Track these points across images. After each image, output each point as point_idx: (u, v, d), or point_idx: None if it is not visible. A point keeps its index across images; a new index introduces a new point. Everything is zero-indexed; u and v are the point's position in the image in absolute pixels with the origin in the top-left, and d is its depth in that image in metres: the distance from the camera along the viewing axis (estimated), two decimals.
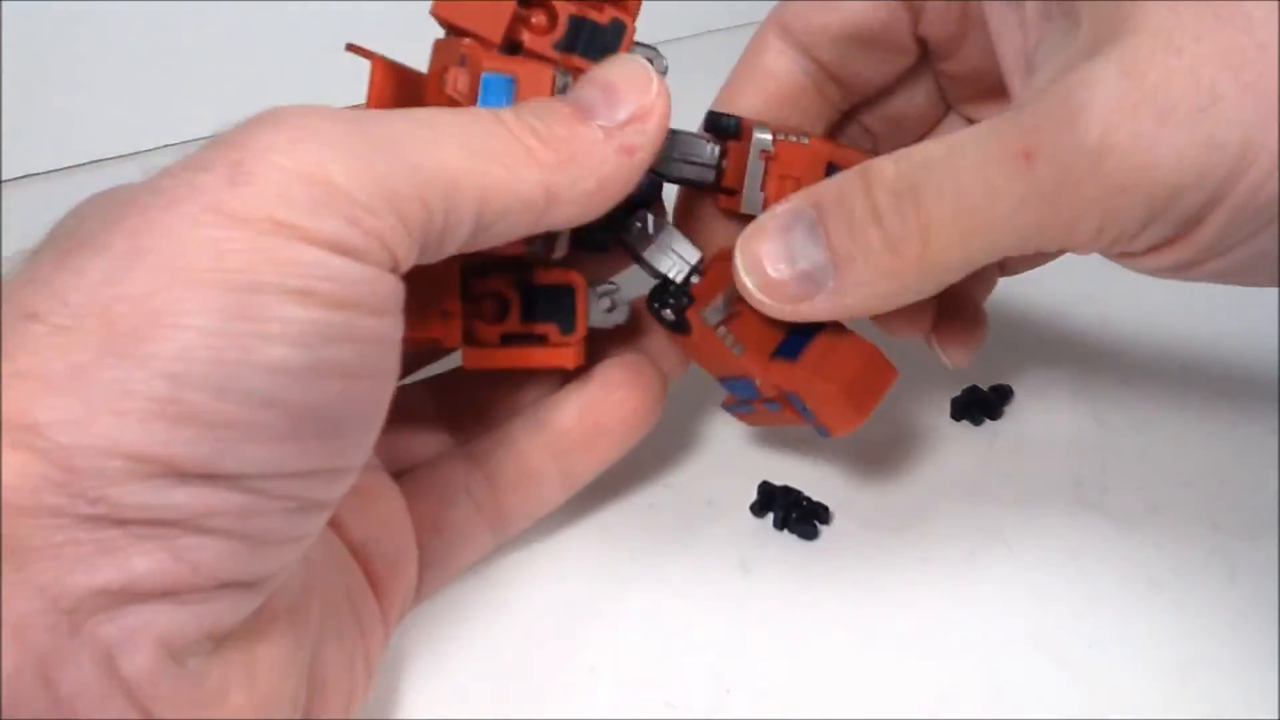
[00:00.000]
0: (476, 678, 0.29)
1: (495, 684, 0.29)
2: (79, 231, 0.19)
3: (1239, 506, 0.32)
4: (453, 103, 0.24)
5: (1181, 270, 0.24)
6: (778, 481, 0.33)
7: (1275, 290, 0.41)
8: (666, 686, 0.28)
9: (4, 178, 0.51)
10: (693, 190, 0.31)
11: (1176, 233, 0.23)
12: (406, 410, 0.30)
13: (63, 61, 0.50)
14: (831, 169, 0.29)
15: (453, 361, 0.31)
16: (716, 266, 0.29)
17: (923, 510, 0.33)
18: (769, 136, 0.28)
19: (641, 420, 0.31)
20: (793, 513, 0.32)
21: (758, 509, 0.33)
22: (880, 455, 0.35)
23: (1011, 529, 0.32)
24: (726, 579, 0.31)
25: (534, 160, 0.22)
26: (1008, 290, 0.42)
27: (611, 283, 0.29)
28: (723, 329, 0.29)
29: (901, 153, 0.25)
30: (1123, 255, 0.24)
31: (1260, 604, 0.30)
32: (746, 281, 0.27)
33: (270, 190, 0.19)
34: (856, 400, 0.28)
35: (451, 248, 0.22)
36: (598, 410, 0.30)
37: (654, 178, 0.28)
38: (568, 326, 0.28)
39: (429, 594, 0.30)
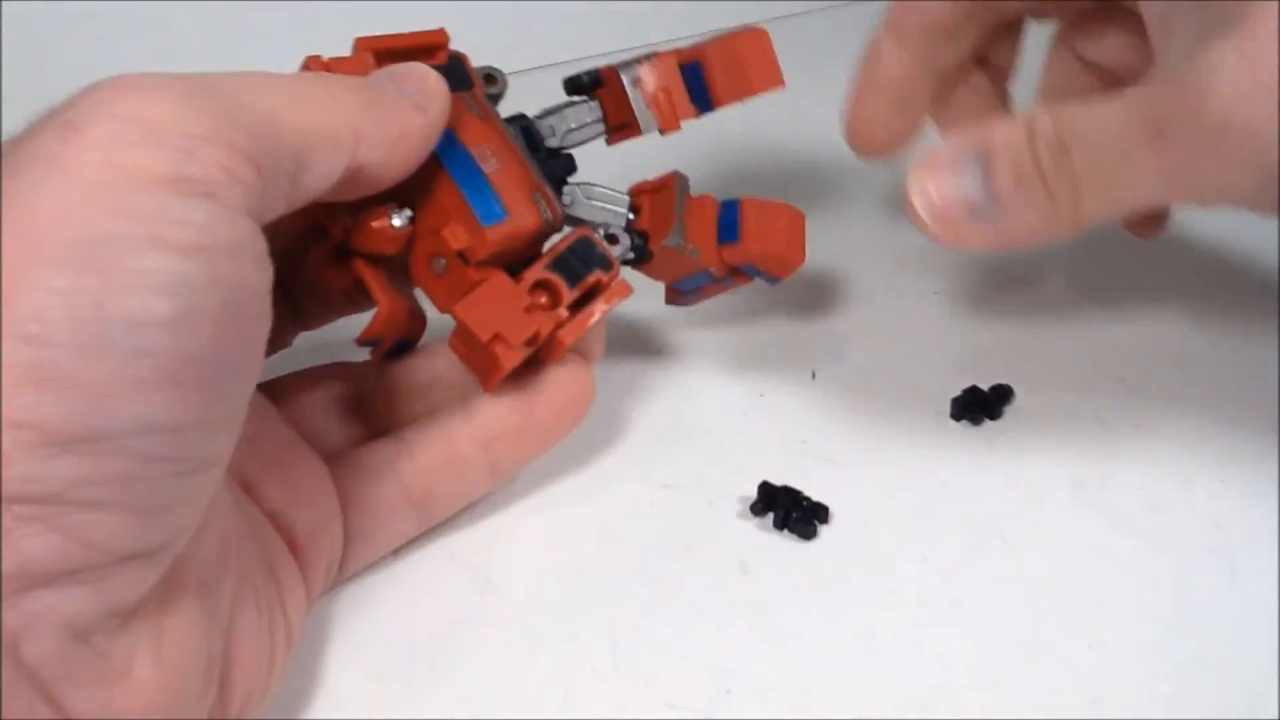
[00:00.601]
0: (476, 678, 0.29)
1: (495, 684, 0.29)
2: None
3: (1239, 506, 0.32)
4: None
5: None
6: (778, 481, 0.33)
7: (1275, 290, 0.41)
8: (666, 686, 0.28)
9: None
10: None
11: None
12: (322, 397, 0.31)
13: (63, 61, 0.50)
14: (685, 69, 0.33)
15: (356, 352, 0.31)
16: (645, 199, 0.34)
17: (923, 510, 0.33)
18: (634, 66, 0.33)
19: (572, 415, 0.31)
20: (793, 513, 0.32)
21: (758, 509, 0.33)
22: (880, 455, 0.35)
23: (1011, 529, 0.32)
24: (726, 579, 0.31)
25: (337, 101, 0.24)
26: (1008, 291, 0.42)
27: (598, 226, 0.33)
28: (683, 244, 0.33)
29: (1057, 110, 0.28)
30: (1250, 209, 0.27)
31: (1260, 604, 0.30)
32: (917, 207, 0.29)
33: (99, 136, 0.20)
34: (795, 247, 0.34)
35: (298, 193, 0.23)
36: (528, 402, 0.31)
37: (563, 155, 0.33)
38: (605, 266, 0.30)
39: (352, 571, 0.30)
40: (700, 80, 0.33)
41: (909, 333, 0.40)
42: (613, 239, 0.32)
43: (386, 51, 0.29)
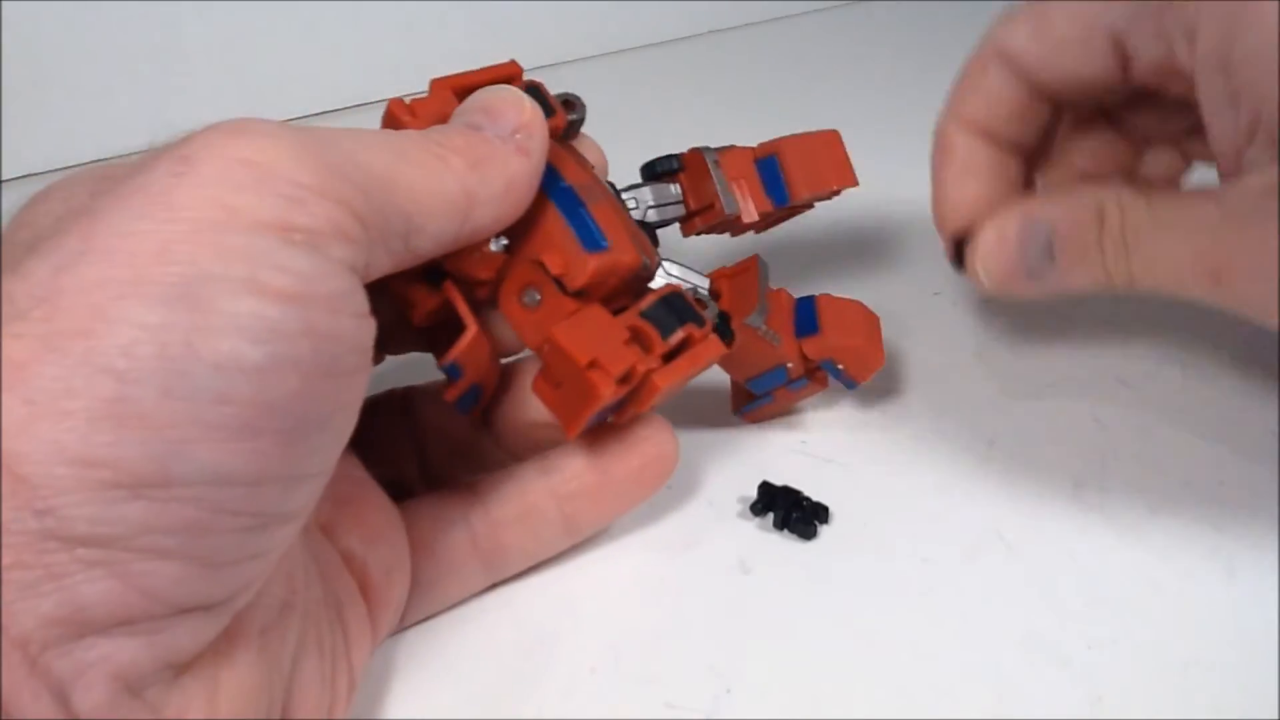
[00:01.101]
0: (476, 678, 0.29)
1: (495, 684, 0.29)
2: (32, 237, 0.19)
3: (1239, 506, 0.32)
4: None
5: None
6: (778, 481, 0.33)
7: None
8: (666, 686, 0.28)
9: (4, 178, 0.51)
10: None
11: None
12: (387, 426, 0.31)
13: (63, 61, 0.50)
14: (760, 164, 0.34)
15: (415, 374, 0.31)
16: (725, 283, 0.33)
17: (923, 510, 0.33)
18: (713, 152, 0.34)
19: (654, 476, 0.30)
20: (793, 513, 0.32)
21: (758, 509, 0.33)
22: (880, 455, 0.35)
23: (1011, 529, 0.32)
24: (726, 579, 0.31)
25: (447, 166, 0.24)
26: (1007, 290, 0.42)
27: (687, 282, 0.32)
28: (765, 329, 0.32)
29: (1128, 202, 0.29)
30: None
31: (1260, 604, 0.30)
32: (980, 271, 0.31)
33: (211, 176, 0.19)
34: (874, 345, 0.34)
35: (409, 252, 0.23)
36: (607, 460, 0.30)
37: (646, 228, 0.32)
38: (698, 321, 0.29)
39: (413, 620, 0.29)
40: (776, 175, 0.34)
41: (909, 333, 0.40)
42: (701, 303, 0.30)
43: (464, 89, 0.28)
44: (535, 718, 0.28)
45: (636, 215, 0.33)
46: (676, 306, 0.28)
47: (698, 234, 0.35)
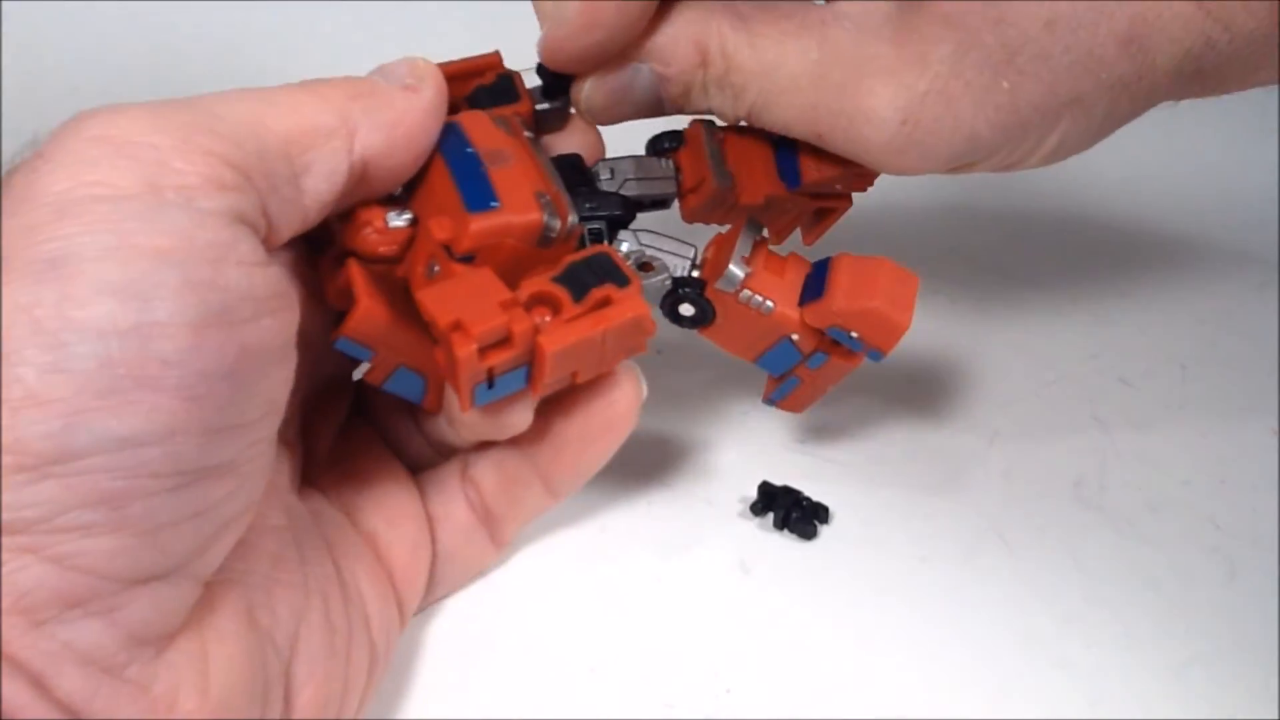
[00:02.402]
0: (477, 677, 0.29)
1: (495, 684, 0.29)
2: None
3: (1239, 506, 0.33)
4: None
5: None
6: (778, 481, 0.33)
7: (1275, 290, 0.41)
8: (666, 686, 0.28)
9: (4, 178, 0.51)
10: None
11: None
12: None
13: (63, 61, 0.50)
14: (776, 149, 0.30)
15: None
16: (712, 250, 0.30)
17: (923, 510, 0.33)
18: (717, 123, 0.30)
19: (607, 428, 0.29)
20: (793, 513, 0.32)
21: (758, 509, 0.33)
22: (880, 455, 0.35)
23: (1011, 529, 0.32)
24: (726, 579, 0.31)
25: (322, 98, 0.23)
26: (1008, 290, 0.42)
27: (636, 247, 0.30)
28: (745, 291, 0.29)
29: (730, 41, 0.27)
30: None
31: (1260, 604, 0.30)
32: (583, 107, 0.29)
33: (66, 159, 0.20)
34: (899, 309, 0.28)
35: (308, 195, 0.23)
36: (555, 419, 0.29)
37: (626, 202, 0.29)
38: (621, 280, 0.26)
39: (440, 594, 0.30)
40: (792, 159, 0.30)
41: (909, 333, 0.40)
42: (646, 266, 0.29)
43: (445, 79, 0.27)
44: (535, 718, 0.28)
45: (612, 186, 0.30)
46: (598, 267, 0.26)
47: (699, 219, 0.31)
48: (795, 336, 0.29)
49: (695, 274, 0.29)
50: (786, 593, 0.31)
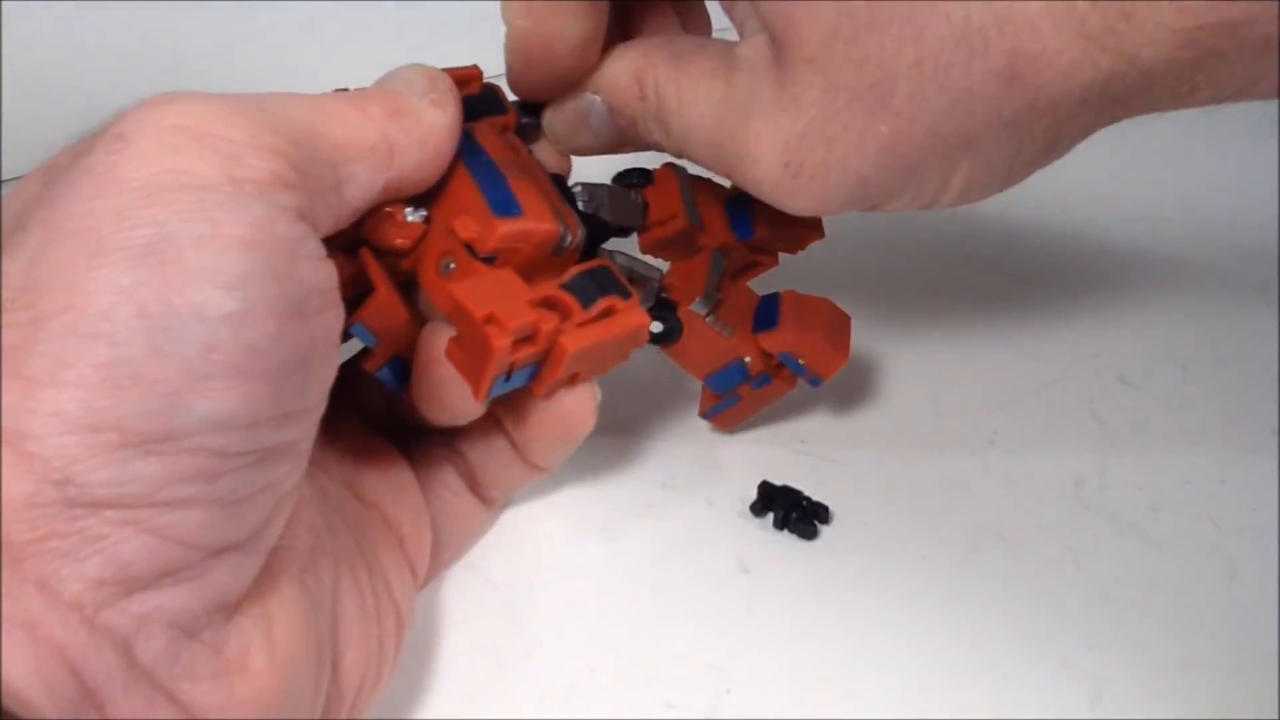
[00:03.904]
0: (477, 677, 0.29)
1: (496, 683, 0.29)
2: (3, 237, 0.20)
3: (1239, 506, 0.33)
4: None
5: None
6: (778, 481, 0.33)
7: (1275, 290, 0.41)
8: (666, 686, 0.28)
9: (4, 178, 0.51)
10: None
11: None
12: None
13: (63, 61, 0.50)
14: (730, 202, 0.33)
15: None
16: (677, 275, 0.33)
17: (923, 510, 0.33)
18: (686, 168, 0.33)
19: (565, 431, 0.30)
20: (793, 513, 0.32)
21: (758, 509, 0.33)
22: (880, 455, 0.35)
23: (1011, 529, 0.32)
24: (726, 579, 0.31)
25: (366, 115, 0.24)
26: (1008, 290, 0.42)
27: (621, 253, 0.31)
28: (711, 317, 0.32)
29: (661, 75, 0.29)
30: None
31: (1260, 604, 0.30)
32: (550, 135, 0.31)
33: (149, 146, 0.20)
34: (838, 343, 0.33)
35: (344, 204, 0.24)
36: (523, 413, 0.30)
37: (598, 222, 0.31)
38: (623, 293, 0.28)
39: (447, 559, 0.31)
40: (744, 212, 0.33)
41: (909, 332, 0.40)
42: (638, 283, 0.30)
43: None
44: (536, 718, 0.28)
45: (590, 209, 0.32)
46: (600, 279, 0.28)
47: (654, 252, 0.33)
48: (748, 359, 0.33)
49: (662, 295, 0.32)
50: (786, 593, 0.31)
